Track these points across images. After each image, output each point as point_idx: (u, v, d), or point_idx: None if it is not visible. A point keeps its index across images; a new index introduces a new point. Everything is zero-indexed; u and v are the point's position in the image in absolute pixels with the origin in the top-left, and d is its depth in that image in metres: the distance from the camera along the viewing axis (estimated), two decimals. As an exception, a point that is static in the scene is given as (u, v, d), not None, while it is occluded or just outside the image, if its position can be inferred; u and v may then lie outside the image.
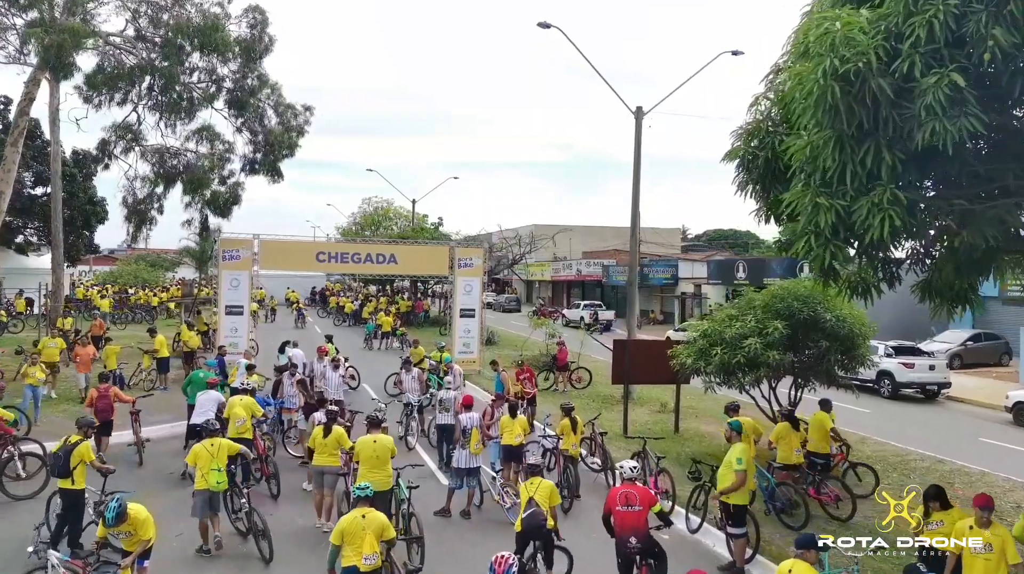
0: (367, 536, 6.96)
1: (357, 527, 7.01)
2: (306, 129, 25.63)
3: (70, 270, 51.60)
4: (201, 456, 9.29)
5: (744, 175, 9.16)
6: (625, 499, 7.57)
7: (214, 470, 9.23)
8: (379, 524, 7.13)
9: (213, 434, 9.70)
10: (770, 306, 13.40)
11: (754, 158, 8.81)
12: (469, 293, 24.99)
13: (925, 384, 22.67)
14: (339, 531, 7.07)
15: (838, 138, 7.09)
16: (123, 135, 23.85)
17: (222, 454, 9.42)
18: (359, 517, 7.10)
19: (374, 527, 7.06)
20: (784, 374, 13.42)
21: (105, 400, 13.28)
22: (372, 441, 9.64)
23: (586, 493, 12.10)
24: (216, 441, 9.53)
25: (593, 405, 19.70)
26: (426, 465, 13.54)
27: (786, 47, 8.71)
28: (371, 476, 9.36)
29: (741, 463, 9.06)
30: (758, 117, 9.07)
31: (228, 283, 22.55)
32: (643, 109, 20.19)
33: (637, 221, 20.56)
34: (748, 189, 9.29)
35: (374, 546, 6.97)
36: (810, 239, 7.40)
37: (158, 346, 20.04)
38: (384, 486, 9.52)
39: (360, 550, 6.92)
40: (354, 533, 6.98)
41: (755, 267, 36.49)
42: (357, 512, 7.19)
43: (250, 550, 9.50)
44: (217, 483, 9.26)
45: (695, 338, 14.34)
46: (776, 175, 8.70)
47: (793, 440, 11.42)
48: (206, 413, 12.09)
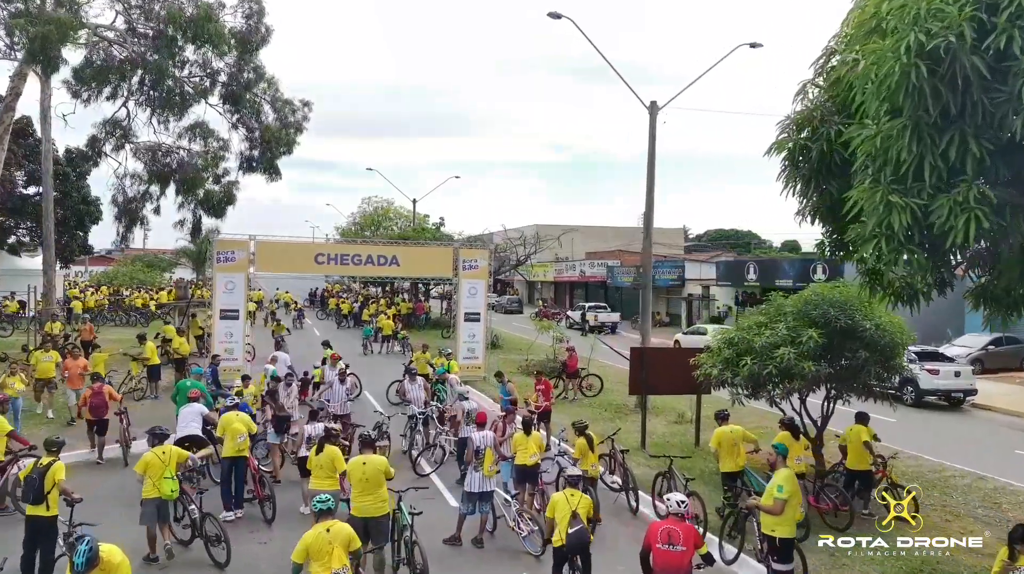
0: (335, 550, 6.71)
1: (323, 542, 6.72)
2: (304, 126, 24.69)
3: (64, 271, 50.71)
4: (152, 464, 9.13)
5: (791, 170, 8.23)
6: (667, 536, 6.83)
7: (167, 478, 9.09)
8: (345, 536, 6.89)
9: (162, 440, 9.47)
10: (803, 313, 12.47)
11: (805, 151, 7.89)
12: (474, 296, 24.04)
13: (951, 391, 21.74)
14: (303, 548, 6.75)
15: (915, 126, 6.16)
16: (112, 131, 22.84)
17: (172, 461, 9.27)
18: (323, 531, 6.80)
19: (341, 539, 6.80)
20: (819, 386, 12.48)
21: (99, 397, 13.42)
22: (362, 463, 8.79)
23: (607, 516, 11.17)
24: (167, 449, 9.35)
25: (606, 415, 18.79)
26: (433, 485, 12.61)
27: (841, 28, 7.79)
28: (363, 501, 8.63)
29: (783, 491, 8.12)
30: (807, 106, 8.13)
31: (223, 286, 21.60)
32: (657, 104, 19.26)
33: (651, 220, 19.65)
34: (794, 186, 8.36)
35: (343, 560, 6.73)
36: (880, 243, 6.47)
37: (148, 353, 19.09)
38: (378, 511, 8.70)
39: (329, 565, 6.67)
40: (320, 548, 6.71)
41: (766, 268, 35.55)
42: (321, 526, 6.86)
43: (197, 557, 9.31)
44: (171, 491, 9.15)
45: (720, 346, 13.43)
46: (831, 170, 7.77)
47: (796, 449, 10.86)
48: (187, 427, 11.48)
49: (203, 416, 12.01)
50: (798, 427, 11.54)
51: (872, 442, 11.58)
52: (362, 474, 8.69)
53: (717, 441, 11.06)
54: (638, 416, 18.41)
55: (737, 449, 10.96)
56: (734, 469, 10.96)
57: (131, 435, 13.81)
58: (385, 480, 8.83)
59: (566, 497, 8.04)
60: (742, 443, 11.05)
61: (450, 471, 13.17)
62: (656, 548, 6.84)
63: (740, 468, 11.02)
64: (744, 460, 11.13)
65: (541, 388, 15.52)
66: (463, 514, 10.19)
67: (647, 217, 19.63)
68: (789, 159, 8.13)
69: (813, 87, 8.22)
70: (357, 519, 8.67)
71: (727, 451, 10.95)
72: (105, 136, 23.20)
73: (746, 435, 11.10)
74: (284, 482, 12.44)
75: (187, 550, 9.53)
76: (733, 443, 10.95)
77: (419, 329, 39.20)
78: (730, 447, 10.94)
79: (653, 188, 19.52)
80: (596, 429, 16.72)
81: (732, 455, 10.95)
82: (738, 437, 11.02)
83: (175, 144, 23.23)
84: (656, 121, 19.22)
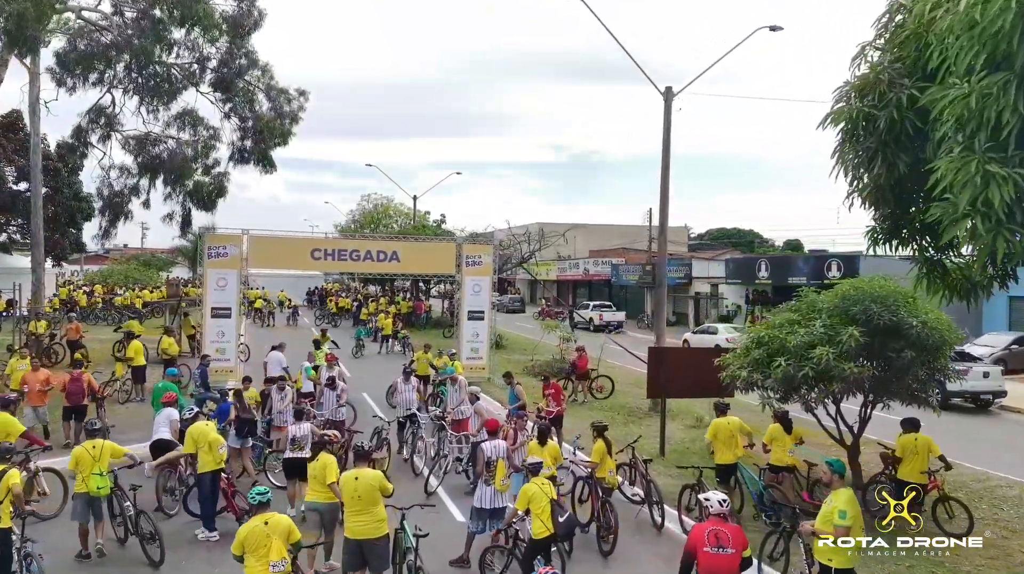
0: (272, 542, 6.55)
1: (260, 534, 6.57)
2: (300, 116, 23.54)
3: (56, 269, 49.62)
4: (82, 459, 8.86)
5: (849, 144, 7.17)
6: (716, 539, 6.30)
7: (95, 474, 8.81)
8: (284, 527, 6.71)
9: (93, 435, 9.21)
10: (841, 309, 11.44)
11: (869, 120, 6.81)
12: (478, 293, 22.99)
13: (979, 393, 20.70)
14: (239, 541, 6.61)
15: (1020, 82, 5.12)
16: (97, 119, 21.73)
17: (104, 457, 8.97)
18: (261, 523, 6.63)
19: (279, 531, 6.63)
20: (860, 390, 11.43)
21: (77, 384, 13.53)
22: (353, 478, 7.77)
23: (627, 532, 10.11)
24: (98, 443, 9.03)
25: (619, 419, 17.76)
26: (439, 498, 11.57)
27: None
28: (356, 521, 7.66)
29: (845, 518, 7.06)
30: (870, 69, 7.06)
31: (215, 282, 20.54)
32: (673, 90, 18.22)
33: (666, 213, 18.59)
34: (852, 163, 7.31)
35: (281, 552, 6.58)
36: (976, 222, 5.43)
37: (132, 353, 18.03)
38: (374, 532, 7.67)
39: (266, 558, 6.50)
40: (257, 541, 6.55)
41: (778, 266, 34.52)
42: (258, 518, 6.68)
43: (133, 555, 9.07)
44: (98, 488, 8.82)
45: (748, 346, 12.41)
46: (899, 141, 6.72)
47: (787, 442, 10.88)
48: (157, 432, 10.85)
49: (171, 422, 11.03)
50: (790, 420, 11.18)
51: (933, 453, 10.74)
52: (354, 490, 7.68)
53: (713, 433, 10.84)
54: (652, 420, 17.42)
55: (734, 441, 10.71)
56: (731, 461, 10.72)
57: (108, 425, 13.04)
58: (382, 497, 7.80)
59: (538, 487, 7.81)
60: (739, 435, 10.78)
61: (457, 482, 12.14)
62: (703, 552, 6.25)
63: (737, 459, 10.77)
64: (741, 452, 10.85)
65: (550, 393, 14.43)
66: (472, 533, 9.14)
67: (662, 210, 18.57)
68: (848, 131, 7.08)
69: (874, 49, 7.18)
70: (351, 541, 7.65)
71: (724, 443, 10.70)
72: (89, 124, 22.06)
73: (743, 427, 10.85)
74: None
75: (122, 549, 9.33)
76: (730, 435, 10.70)
77: (420, 328, 38.17)
78: (727, 439, 10.70)
79: (668, 179, 18.49)
80: (611, 434, 15.72)
81: (729, 447, 10.70)
82: (735, 429, 10.76)
83: (163, 133, 22.08)
84: (671, 108, 18.18)
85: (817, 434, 15.81)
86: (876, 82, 6.70)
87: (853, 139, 7.05)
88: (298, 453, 10.53)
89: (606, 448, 10.23)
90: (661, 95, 18.21)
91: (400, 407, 13.91)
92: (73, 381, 13.45)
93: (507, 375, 15.58)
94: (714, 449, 10.93)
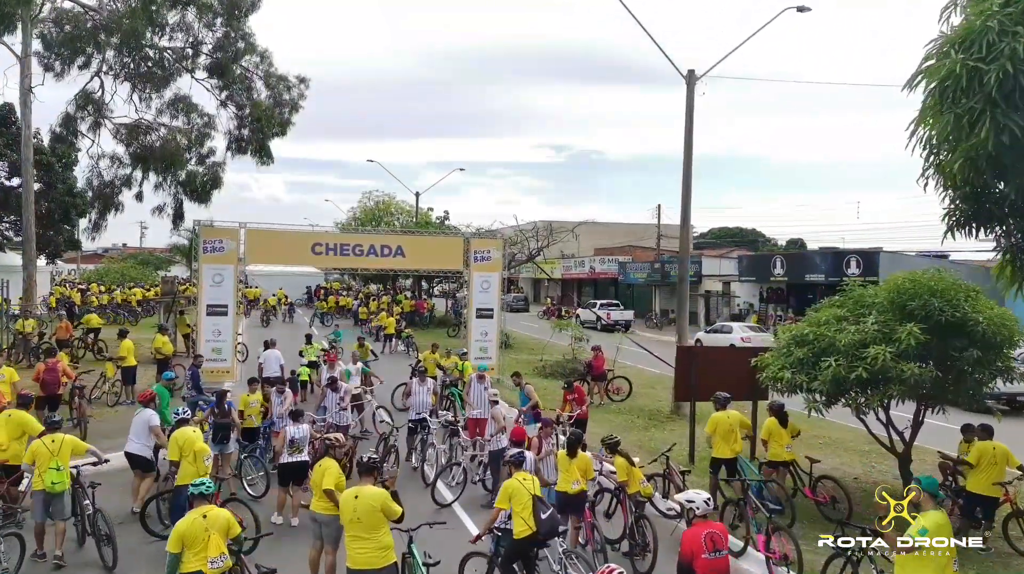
0: (211, 537, 6.24)
1: (198, 528, 6.24)
2: (301, 104, 22.47)
3: (50, 267, 48.56)
4: (40, 454, 8.40)
5: (945, 106, 6.12)
6: (712, 543, 5.97)
7: (52, 469, 8.30)
8: (224, 521, 6.40)
9: (54, 428, 8.81)
10: (896, 304, 10.42)
11: (973, 76, 5.75)
12: (487, 290, 21.95)
13: (1016, 395, 19.62)
14: (177, 536, 6.24)
15: None
16: (85, 105, 20.63)
17: (64, 452, 8.47)
18: (199, 517, 6.30)
19: (218, 526, 6.32)
20: (918, 393, 10.39)
21: (53, 373, 13.44)
22: (353, 497, 6.60)
23: (665, 550, 9.02)
24: (58, 437, 8.56)
25: (639, 423, 16.72)
26: (454, 514, 10.53)
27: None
28: (356, 548, 6.52)
29: (924, 535, 6.09)
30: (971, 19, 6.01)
31: (210, 279, 19.51)
32: (695, 73, 17.19)
33: (688, 206, 17.54)
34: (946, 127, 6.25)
35: (220, 547, 6.28)
36: None
37: (123, 353, 16.98)
38: (378, 562, 6.52)
39: (204, 554, 6.21)
40: (195, 536, 6.22)
41: (795, 263, 33.46)
42: (196, 512, 6.35)
43: (90, 558, 8.64)
44: (53, 484, 8.28)
45: (788, 345, 11.38)
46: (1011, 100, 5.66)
47: (784, 437, 10.63)
48: (129, 442, 9.97)
49: (151, 427, 10.00)
50: (786, 413, 10.82)
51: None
52: (352, 511, 6.52)
53: (713, 427, 10.61)
54: (675, 424, 16.41)
55: (734, 435, 10.49)
56: (729, 455, 10.50)
57: (86, 414, 13.89)
58: (386, 521, 6.64)
59: (519, 482, 7.31)
60: (738, 429, 10.57)
61: (473, 494, 11.10)
62: (702, 559, 5.91)
63: (735, 454, 10.55)
64: (740, 446, 10.67)
65: (573, 397, 13.36)
66: (494, 558, 8.09)
67: (684, 202, 17.52)
68: (943, 91, 6.03)
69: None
70: (352, 572, 6.58)
71: (723, 437, 10.49)
72: (77, 111, 20.96)
73: (743, 421, 10.67)
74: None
75: (80, 550, 8.93)
76: (730, 429, 10.46)
77: (423, 328, 37.13)
78: (726, 433, 10.47)
79: (691, 169, 17.45)
80: (632, 439, 14.69)
81: (728, 441, 10.48)
82: (735, 423, 10.54)
83: (155, 121, 20.98)
84: (694, 93, 17.15)
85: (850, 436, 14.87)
86: (984, 31, 5.66)
87: (949, 99, 6.00)
88: (296, 456, 9.75)
89: (627, 461, 9.23)
90: (683, 79, 17.19)
91: (412, 410, 12.86)
92: (48, 370, 13.32)
93: (515, 375, 14.40)
94: (713, 443, 10.72)
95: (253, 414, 12.15)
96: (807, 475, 10.91)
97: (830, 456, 14.00)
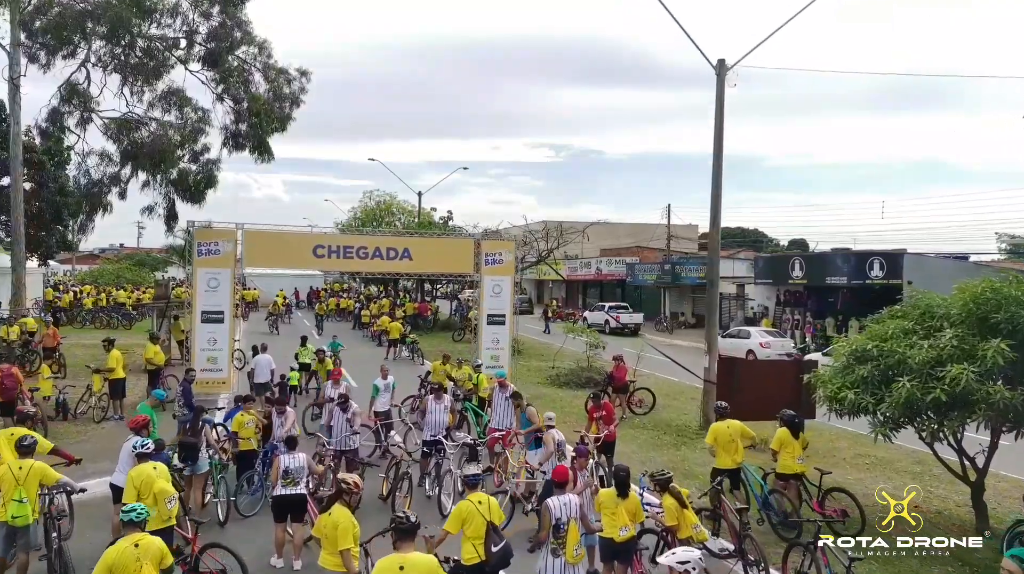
0: (143, 567, 5.74)
1: (128, 558, 5.71)
2: (302, 99, 21.21)
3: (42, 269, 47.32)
4: (5, 480, 7.54)
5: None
6: None
7: (14, 501, 7.47)
8: (156, 550, 5.89)
9: (26, 453, 7.82)
10: (973, 315, 9.27)
11: None
12: (498, 295, 20.76)
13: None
14: (105, 566, 5.69)
15: None
16: (70, 98, 19.39)
17: (31, 482, 7.59)
18: (131, 546, 5.77)
19: (151, 555, 5.81)
20: (1006, 419, 9.21)
21: (11, 379, 13.39)
22: (398, 568, 5.45)
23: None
24: (26, 464, 7.67)
25: (666, 439, 15.52)
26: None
27: None
28: None
29: None
30: None
31: (205, 283, 18.29)
32: (726, 63, 16.03)
33: (718, 204, 16.38)
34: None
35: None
36: None
37: (112, 363, 15.77)
38: None
39: None
40: (125, 566, 5.69)
41: (814, 264, 32.24)
42: (127, 540, 5.81)
43: None
44: (13, 518, 7.44)
45: (848, 361, 10.22)
46: None
47: (795, 448, 10.26)
48: (123, 469, 8.56)
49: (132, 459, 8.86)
50: (798, 424, 10.35)
51: None
52: None
53: (713, 437, 10.34)
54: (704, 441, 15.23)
55: (735, 445, 10.19)
56: (731, 466, 10.22)
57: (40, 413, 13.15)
58: None
59: (475, 505, 6.65)
60: (740, 439, 10.24)
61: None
62: None
63: (737, 465, 10.25)
64: (742, 457, 10.32)
65: (601, 414, 12.06)
66: (534, 617, 6.92)
67: (713, 199, 16.35)
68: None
69: None
70: None
71: (724, 447, 10.21)
72: (62, 104, 19.71)
73: (744, 431, 10.33)
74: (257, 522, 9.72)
75: None
76: (730, 439, 10.17)
77: (426, 332, 35.89)
78: (727, 443, 10.18)
79: (721, 163, 16.32)
80: (663, 460, 13.48)
81: (729, 452, 10.20)
82: (736, 433, 10.21)
83: (146, 115, 19.74)
84: (724, 83, 15.99)
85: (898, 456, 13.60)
86: None
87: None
88: (291, 489, 8.71)
89: (677, 502, 7.92)
90: (713, 69, 16.05)
91: (427, 430, 11.62)
92: (6, 376, 13.35)
93: (515, 396, 12.49)
94: (715, 453, 10.44)
95: (250, 436, 10.97)
96: (816, 488, 10.37)
97: (879, 479, 12.83)
